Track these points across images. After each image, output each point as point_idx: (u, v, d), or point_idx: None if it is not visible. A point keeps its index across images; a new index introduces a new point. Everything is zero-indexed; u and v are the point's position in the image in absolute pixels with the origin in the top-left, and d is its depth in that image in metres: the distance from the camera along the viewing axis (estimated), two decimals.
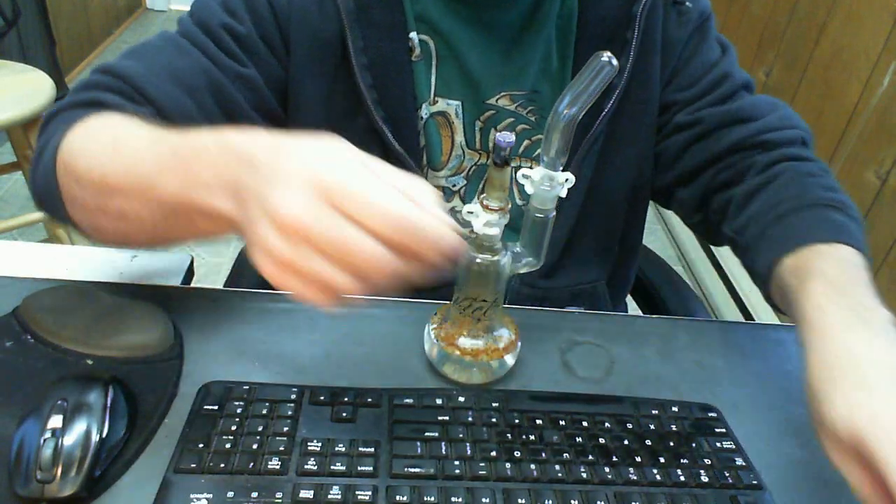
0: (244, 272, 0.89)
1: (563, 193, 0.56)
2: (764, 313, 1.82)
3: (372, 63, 0.67)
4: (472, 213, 0.55)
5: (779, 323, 0.81)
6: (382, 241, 0.36)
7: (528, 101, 0.75)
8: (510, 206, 0.55)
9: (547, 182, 0.55)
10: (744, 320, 1.85)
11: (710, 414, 0.61)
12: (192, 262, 0.79)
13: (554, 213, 0.57)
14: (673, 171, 0.78)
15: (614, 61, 0.50)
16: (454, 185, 0.77)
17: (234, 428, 0.53)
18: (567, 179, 0.55)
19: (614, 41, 0.72)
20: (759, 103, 0.74)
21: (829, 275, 0.54)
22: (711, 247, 2.11)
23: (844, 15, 1.63)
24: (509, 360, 0.63)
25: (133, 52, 0.64)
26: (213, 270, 2.03)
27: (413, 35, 0.69)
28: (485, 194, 0.55)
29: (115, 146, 0.51)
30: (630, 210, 0.82)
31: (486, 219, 0.55)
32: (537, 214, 0.57)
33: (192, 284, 0.75)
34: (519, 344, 0.64)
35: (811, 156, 0.71)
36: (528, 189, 0.56)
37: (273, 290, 0.69)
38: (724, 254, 2.06)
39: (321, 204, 0.36)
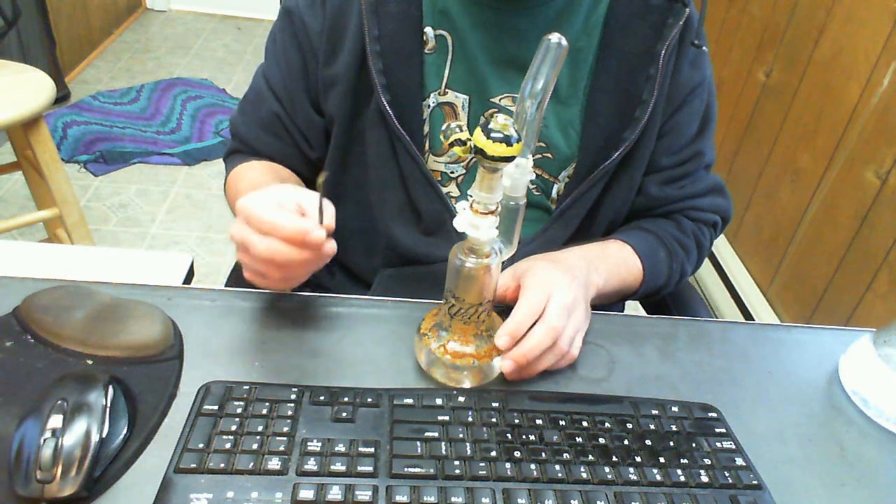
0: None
1: (533, 177, 0.56)
2: (764, 313, 1.82)
3: (384, 51, 0.73)
4: (461, 218, 0.55)
5: (779, 323, 0.81)
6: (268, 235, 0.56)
7: None
8: (499, 209, 0.55)
9: (517, 169, 0.55)
10: (744, 320, 1.85)
11: (710, 414, 0.61)
12: (192, 263, 0.79)
13: (525, 201, 0.57)
14: None
15: (563, 41, 0.52)
16: (452, 172, 0.80)
17: (234, 428, 0.53)
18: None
19: (636, 76, 0.75)
20: (708, 187, 0.86)
21: (606, 246, 0.79)
22: (712, 247, 2.11)
23: (844, 15, 1.63)
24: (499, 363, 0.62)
25: (241, 106, 0.86)
26: (213, 270, 2.04)
27: (429, 29, 0.75)
28: (474, 198, 0.54)
29: (232, 195, 0.82)
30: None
31: (475, 222, 0.55)
32: (510, 202, 0.57)
33: (192, 284, 0.75)
34: None
35: (712, 234, 0.89)
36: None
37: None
38: (724, 254, 2.06)
39: (243, 224, 0.58)
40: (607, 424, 0.58)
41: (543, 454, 0.54)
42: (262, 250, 0.56)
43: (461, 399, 0.59)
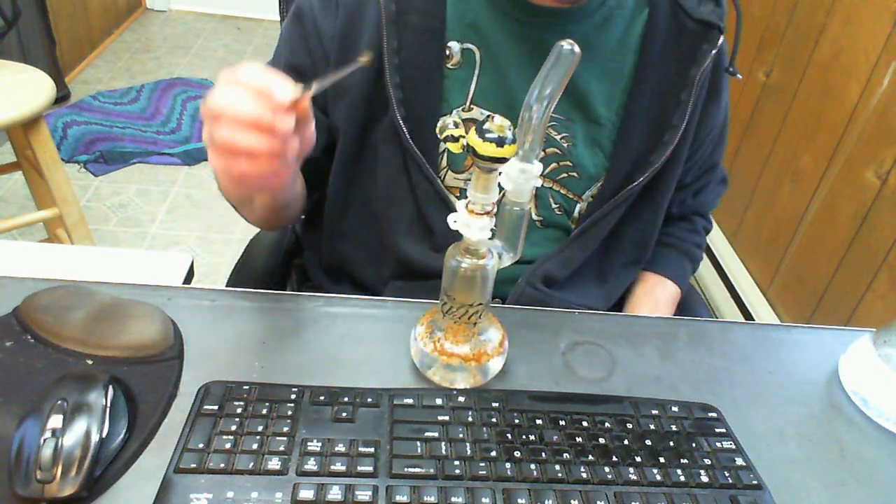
0: (244, 272, 0.89)
1: (539, 183, 0.56)
2: (764, 313, 1.82)
3: (402, 64, 0.71)
4: (456, 217, 0.55)
5: (779, 323, 0.81)
6: (250, 93, 0.51)
7: (561, 125, 0.76)
8: (495, 210, 0.55)
9: (522, 175, 0.54)
10: (744, 320, 1.85)
11: (710, 414, 0.61)
12: (192, 263, 0.79)
13: (529, 206, 0.57)
14: None
15: (576, 48, 0.52)
16: None
17: (234, 428, 0.53)
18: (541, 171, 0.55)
19: (668, 99, 0.75)
20: (719, 189, 0.95)
21: (657, 299, 0.90)
22: (711, 247, 2.11)
23: (844, 15, 1.63)
24: (497, 363, 0.62)
25: None
26: (213, 270, 2.04)
27: (453, 43, 0.72)
28: (469, 198, 0.54)
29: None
30: (643, 255, 0.86)
31: (471, 223, 0.54)
32: (514, 208, 0.56)
33: (192, 284, 0.75)
34: (506, 348, 0.63)
35: (703, 237, 0.97)
36: (505, 183, 0.55)
37: (273, 290, 0.69)
38: (724, 254, 2.06)
39: (227, 84, 0.53)
40: (607, 424, 0.58)
41: (543, 454, 0.55)
42: (221, 95, 0.52)
43: (461, 399, 0.59)
